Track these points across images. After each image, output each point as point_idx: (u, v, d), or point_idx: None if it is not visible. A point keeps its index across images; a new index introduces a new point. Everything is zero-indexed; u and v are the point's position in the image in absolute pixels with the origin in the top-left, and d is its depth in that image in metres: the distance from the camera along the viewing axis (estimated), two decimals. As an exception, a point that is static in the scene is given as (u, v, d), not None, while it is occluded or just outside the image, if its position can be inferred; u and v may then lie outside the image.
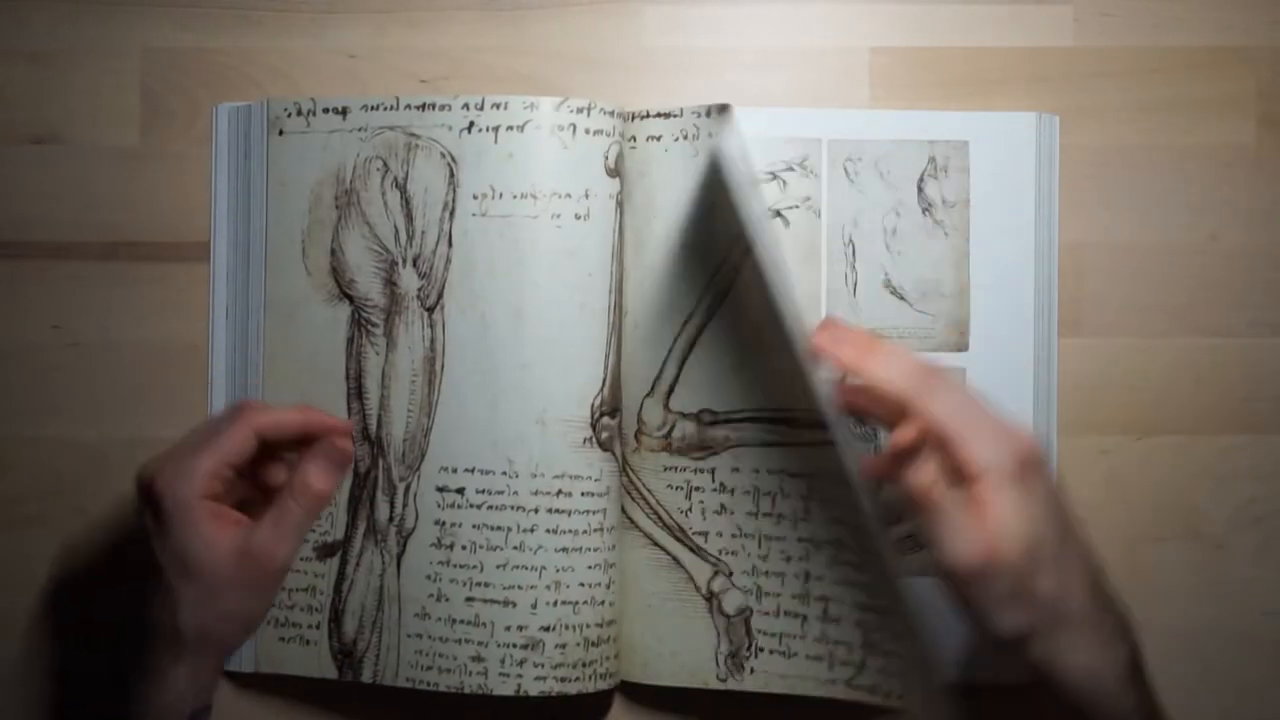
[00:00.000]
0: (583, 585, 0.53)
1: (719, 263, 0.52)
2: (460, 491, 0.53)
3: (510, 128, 0.53)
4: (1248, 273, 0.57)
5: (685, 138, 0.53)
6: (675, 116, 0.53)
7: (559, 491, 0.53)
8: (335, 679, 0.55)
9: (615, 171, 0.53)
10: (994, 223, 0.55)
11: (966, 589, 0.41)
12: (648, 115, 0.54)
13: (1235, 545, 0.56)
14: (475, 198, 0.53)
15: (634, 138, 0.54)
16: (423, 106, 0.54)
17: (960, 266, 0.55)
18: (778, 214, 0.55)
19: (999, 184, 0.55)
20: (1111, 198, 0.57)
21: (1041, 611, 0.41)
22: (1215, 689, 0.56)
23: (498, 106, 0.53)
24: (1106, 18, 0.57)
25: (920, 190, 0.55)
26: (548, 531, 0.53)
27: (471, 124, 0.53)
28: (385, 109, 0.54)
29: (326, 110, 0.55)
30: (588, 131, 0.53)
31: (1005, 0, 0.57)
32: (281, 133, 0.55)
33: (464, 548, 0.53)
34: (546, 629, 0.53)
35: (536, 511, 0.53)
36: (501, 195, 0.53)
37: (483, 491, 0.53)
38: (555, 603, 0.53)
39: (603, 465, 0.53)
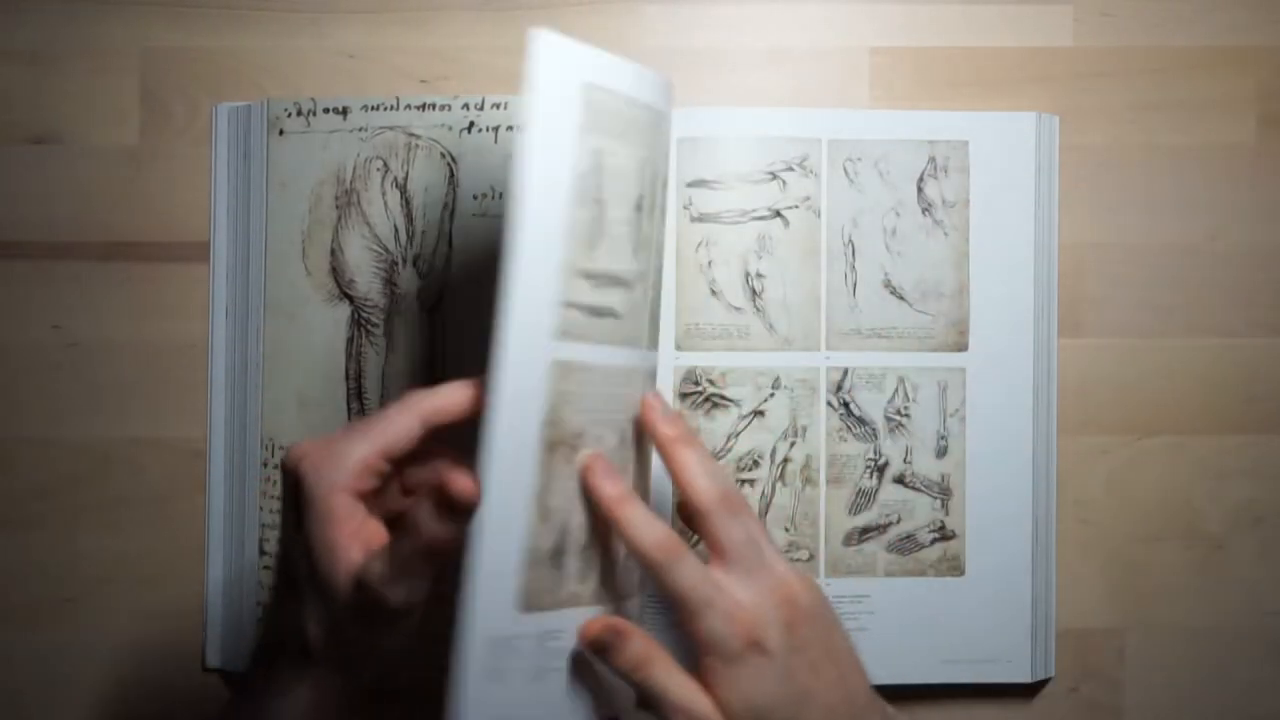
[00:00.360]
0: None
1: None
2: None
3: (510, 128, 0.53)
4: (1247, 272, 0.57)
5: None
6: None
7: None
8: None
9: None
10: (994, 223, 0.55)
11: None
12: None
13: (1235, 545, 0.56)
14: (475, 198, 0.53)
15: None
16: (423, 106, 0.54)
17: (960, 266, 0.55)
18: (777, 214, 0.55)
19: (999, 184, 0.55)
20: (1111, 198, 0.57)
21: None
22: (1215, 689, 0.56)
23: (498, 106, 0.53)
24: (1106, 18, 0.57)
25: (920, 190, 0.55)
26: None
27: (471, 124, 0.53)
28: (385, 109, 0.54)
29: (326, 110, 0.55)
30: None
31: (1005, 0, 0.57)
32: (281, 133, 0.55)
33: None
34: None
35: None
36: (501, 195, 0.53)
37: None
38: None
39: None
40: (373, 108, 0.54)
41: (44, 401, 0.56)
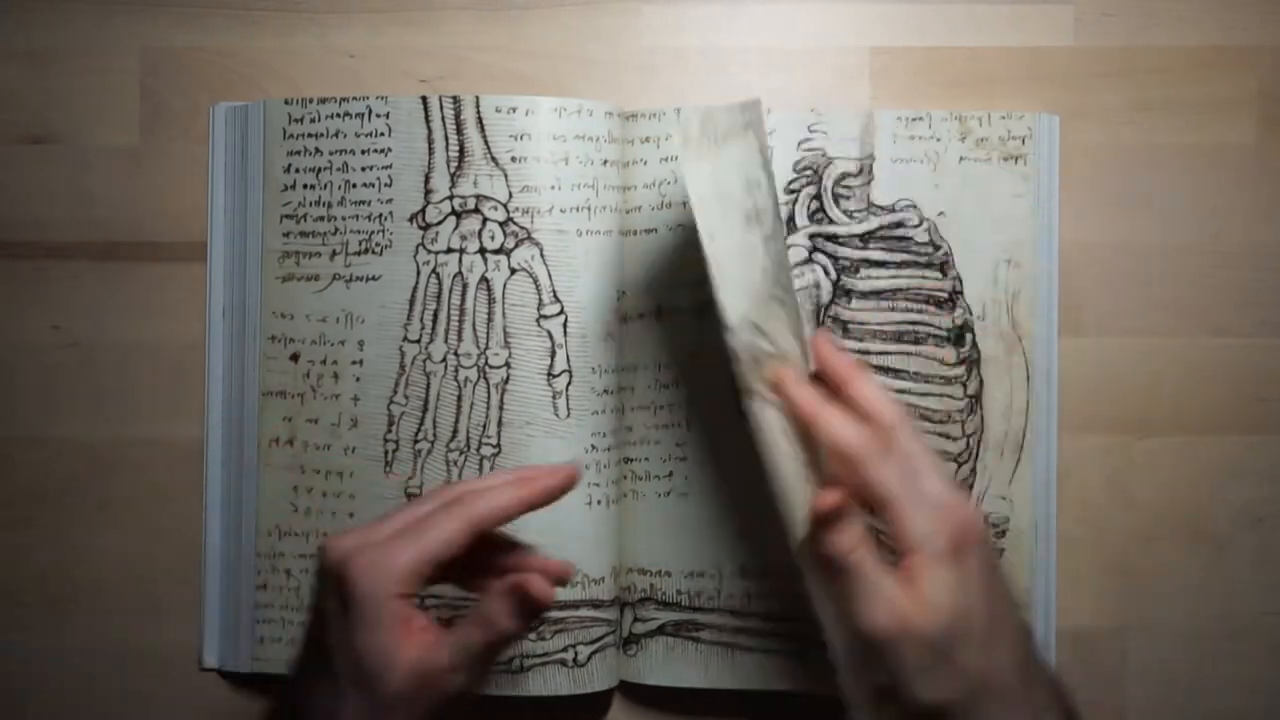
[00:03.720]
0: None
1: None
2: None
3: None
4: (1249, 272, 0.57)
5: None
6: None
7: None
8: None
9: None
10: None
11: (879, 655, 0.41)
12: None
13: (1236, 545, 0.56)
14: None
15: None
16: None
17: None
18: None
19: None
20: (1111, 198, 0.57)
21: (963, 685, 0.40)
22: (1215, 689, 0.56)
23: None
24: (1107, 17, 0.57)
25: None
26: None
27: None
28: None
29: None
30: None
31: (1005, 0, 0.57)
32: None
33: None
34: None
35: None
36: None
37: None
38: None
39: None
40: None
41: (42, 401, 0.56)
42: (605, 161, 0.53)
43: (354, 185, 0.54)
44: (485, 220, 0.53)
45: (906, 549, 0.41)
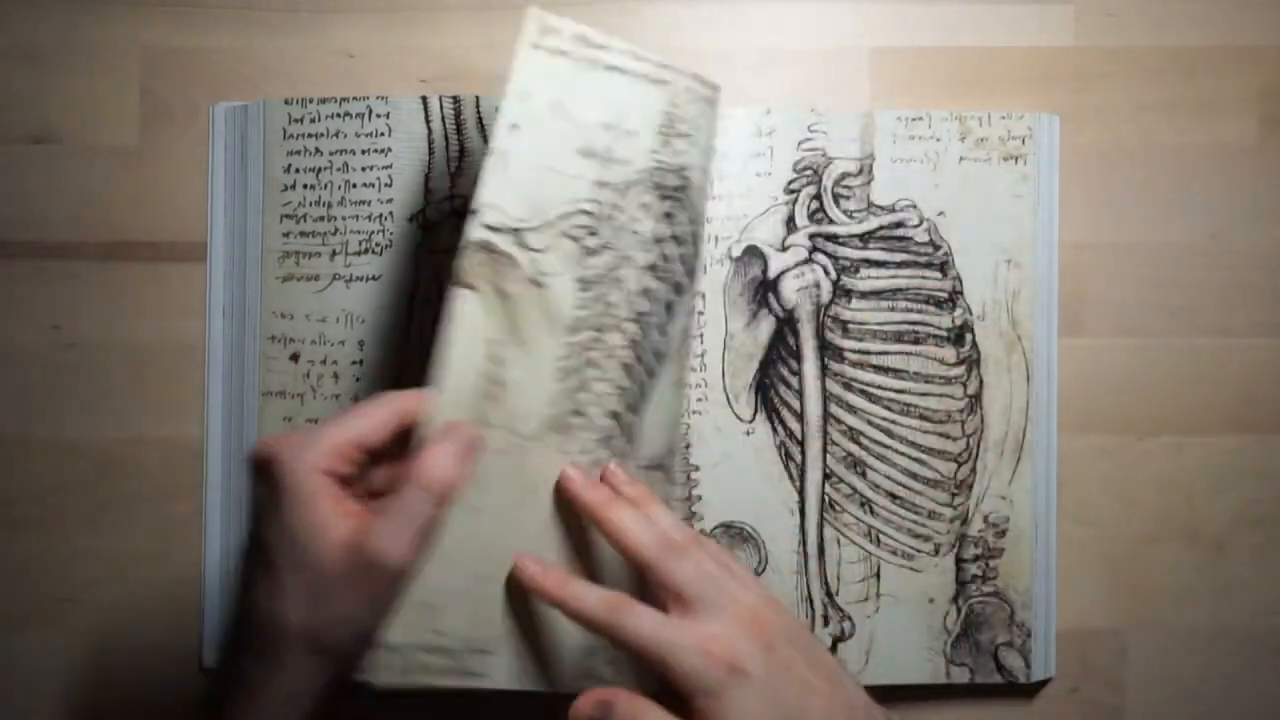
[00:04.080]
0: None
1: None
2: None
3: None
4: (1248, 272, 0.57)
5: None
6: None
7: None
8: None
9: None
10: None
11: None
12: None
13: (1235, 545, 0.56)
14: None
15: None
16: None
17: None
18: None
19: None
20: (1111, 198, 0.57)
21: None
22: (1216, 689, 0.56)
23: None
24: (1108, 17, 0.57)
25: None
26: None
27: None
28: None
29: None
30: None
31: (1005, 0, 0.57)
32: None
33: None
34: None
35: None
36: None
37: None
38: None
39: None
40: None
41: (43, 401, 0.56)
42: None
43: (354, 185, 0.54)
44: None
45: (686, 696, 0.40)
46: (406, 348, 0.54)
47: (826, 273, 0.54)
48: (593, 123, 0.45)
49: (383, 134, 0.54)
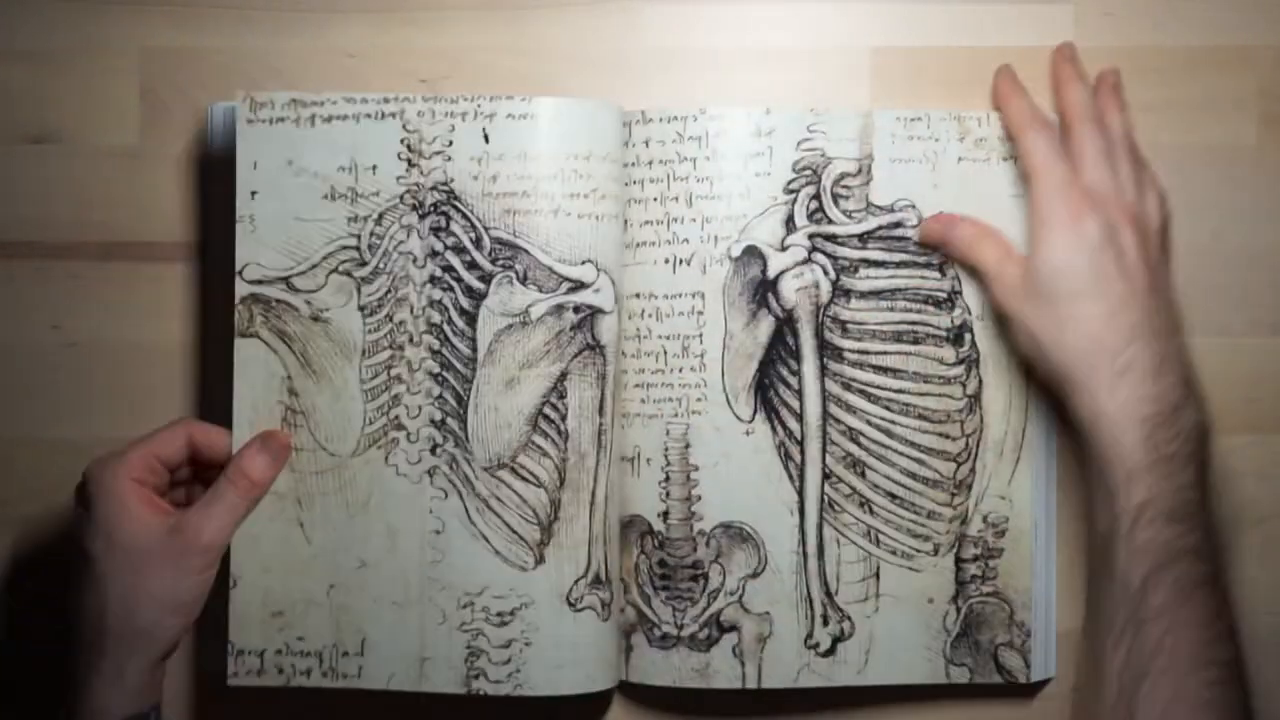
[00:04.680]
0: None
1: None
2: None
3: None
4: (1248, 272, 0.57)
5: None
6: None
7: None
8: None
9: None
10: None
11: (1009, 318, 0.50)
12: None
13: (1236, 545, 0.56)
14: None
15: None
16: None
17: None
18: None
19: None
20: (1112, 198, 0.57)
21: (1072, 337, 0.48)
22: (1215, 689, 0.56)
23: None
24: (1108, 17, 0.57)
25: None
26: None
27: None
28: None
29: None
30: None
31: (1005, 0, 0.57)
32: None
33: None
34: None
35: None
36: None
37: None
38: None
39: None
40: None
41: (42, 401, 0.57)
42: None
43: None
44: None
45: (1033, 221, 0.50)
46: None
47: (826, 273, 0.54)
48: (330, 170, 0.52)
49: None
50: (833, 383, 0.54)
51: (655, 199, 0.54)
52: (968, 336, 0.55)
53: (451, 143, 0.52)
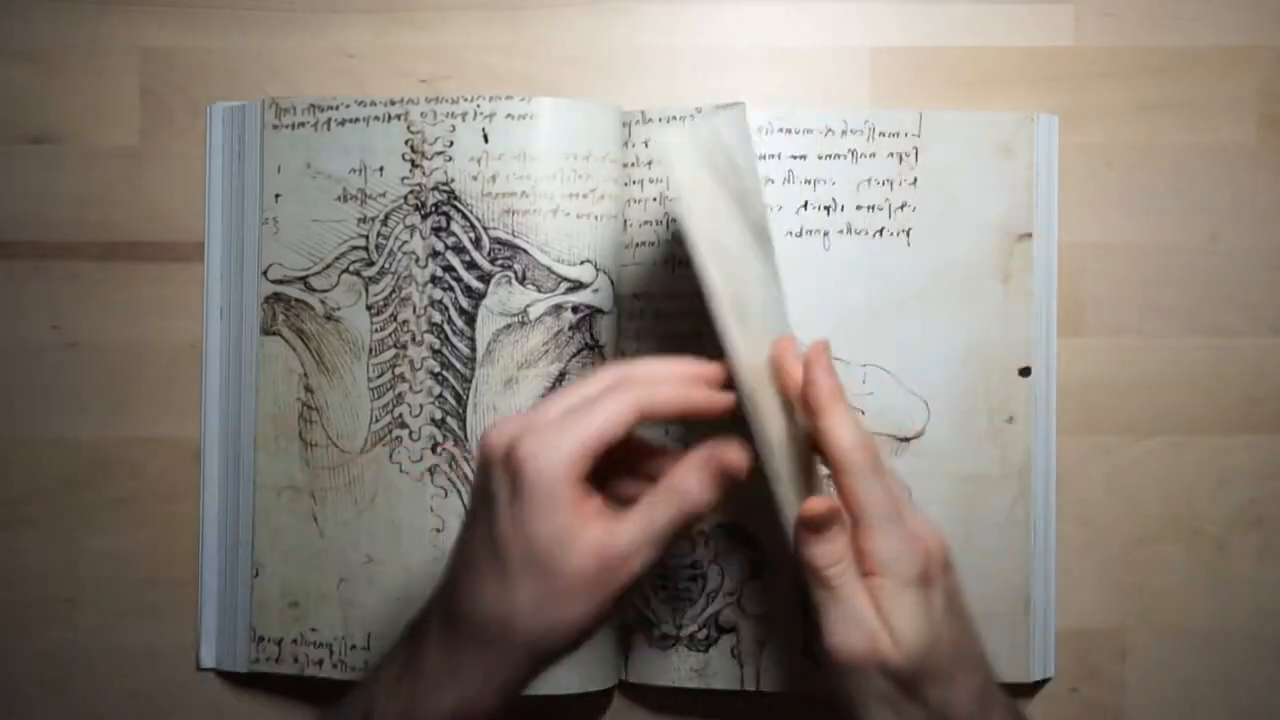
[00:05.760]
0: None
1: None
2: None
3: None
4: (1248, 272, 0.57)
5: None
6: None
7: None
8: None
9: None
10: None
11: (843, 679, 0.40)
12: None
13: (1235, 545, 0.56)
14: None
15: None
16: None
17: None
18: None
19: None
20: (1111, 198, 0.57)
21: (923, 717, 0.40)
22: (1216, 689, 0.56)
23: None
24: (1108, 17, 0.57)
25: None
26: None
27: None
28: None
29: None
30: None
31: (1005, 0, 0.57)
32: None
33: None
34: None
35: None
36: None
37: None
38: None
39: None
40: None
41: (42, 401, 0.56)
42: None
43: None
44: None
45: (872, 570, 0.40)
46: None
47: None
48: (342, 172, 0.53)
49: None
50: (833, 383, 0.54)
51: (655, 199, 0.54)
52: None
53: (452, 143, 0.52)
